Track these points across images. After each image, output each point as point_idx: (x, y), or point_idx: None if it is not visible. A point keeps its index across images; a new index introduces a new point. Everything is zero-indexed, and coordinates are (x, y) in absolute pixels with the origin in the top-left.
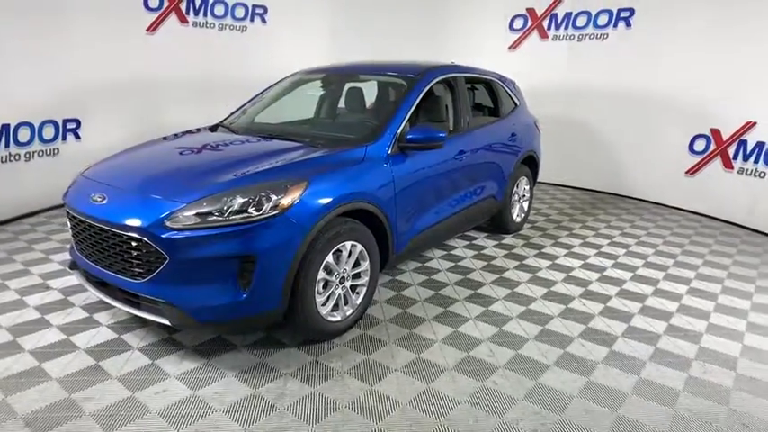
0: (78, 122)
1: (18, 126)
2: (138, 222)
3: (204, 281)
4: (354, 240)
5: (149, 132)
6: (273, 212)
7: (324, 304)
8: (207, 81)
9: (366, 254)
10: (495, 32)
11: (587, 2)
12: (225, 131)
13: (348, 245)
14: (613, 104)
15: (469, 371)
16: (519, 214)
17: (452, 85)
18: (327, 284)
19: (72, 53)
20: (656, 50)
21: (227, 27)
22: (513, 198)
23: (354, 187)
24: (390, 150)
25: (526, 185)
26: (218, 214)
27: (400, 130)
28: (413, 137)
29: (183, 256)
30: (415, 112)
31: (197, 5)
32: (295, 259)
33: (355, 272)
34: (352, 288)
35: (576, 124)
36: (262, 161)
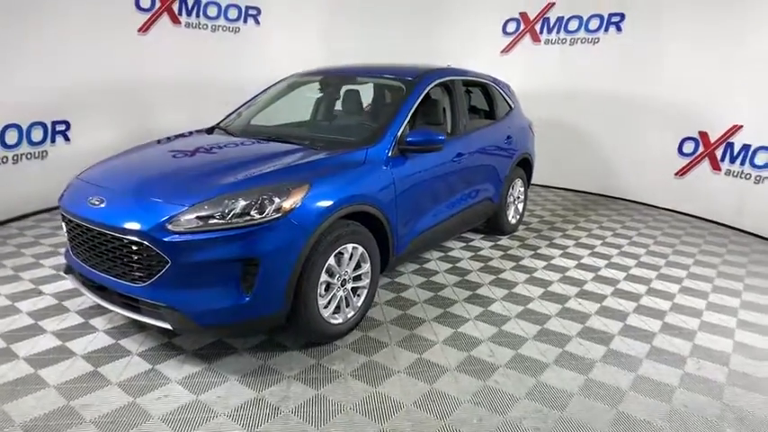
0: (68, 124)
1: (5, 128)
2: (139, 226)
3: (206, 284)
4: (356, 243)
5: (140, 134)
6: (276, 215)
7: (326, 307)
8: (199, 83)
9: (367, 256)
10: (489, 36)
11: (579, 6)
12: (222, 134)
13: (349, 247)
14: (604, 108)
15: (471, 371)
16: (514, 216)
17: (450, 88)
18: (329, 287)
19: (61, 53)
20: (646, 55)
21: (219, 28)
22: (508, 200)
23: (356, 190)
24: (391, 153)
25: (521, 187)
26: (220, 217)
27: (400, 132)
28: (413, 139)
29: (184, 259)
30: (414, 114)
31: (189, 6)
32: (298, 262)
33: (356, 274)
34: (354, 290)
35: (568, 127)
36: (262, 164)
